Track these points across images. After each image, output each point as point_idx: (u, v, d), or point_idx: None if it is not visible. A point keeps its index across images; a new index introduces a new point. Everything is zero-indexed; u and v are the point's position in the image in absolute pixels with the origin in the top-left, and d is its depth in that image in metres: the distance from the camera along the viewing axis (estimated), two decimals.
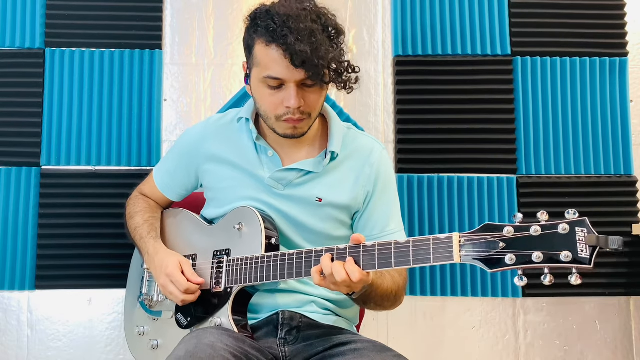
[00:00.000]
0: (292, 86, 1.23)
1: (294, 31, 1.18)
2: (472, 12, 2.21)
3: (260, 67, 1.25)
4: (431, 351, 2.13)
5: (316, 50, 1.18)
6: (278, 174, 1.37)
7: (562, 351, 2.14)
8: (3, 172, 2.10)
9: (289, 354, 1.28)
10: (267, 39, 1.21)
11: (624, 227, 2.15)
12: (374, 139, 1.46)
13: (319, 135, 1.42)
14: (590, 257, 0.95)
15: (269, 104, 1.28)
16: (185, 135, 1.51)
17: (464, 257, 1.03)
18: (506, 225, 1.00)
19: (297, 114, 1.26)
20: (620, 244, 0.92)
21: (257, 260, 1.27)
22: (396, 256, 1.09)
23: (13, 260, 2.07)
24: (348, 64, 1.28)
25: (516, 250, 0.99)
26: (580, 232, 0.96)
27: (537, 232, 0.98)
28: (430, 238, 1.07)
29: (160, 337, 1.41)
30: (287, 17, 1.19)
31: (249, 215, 1.33)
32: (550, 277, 0.97)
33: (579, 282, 0.96)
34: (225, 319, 1.28)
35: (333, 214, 1.37)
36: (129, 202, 1.57)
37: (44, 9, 2.16)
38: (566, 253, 0.95)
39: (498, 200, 2.15)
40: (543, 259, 0.96)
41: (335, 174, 1.38)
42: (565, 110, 2.19)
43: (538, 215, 0.99)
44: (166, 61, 2.19)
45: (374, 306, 1.30)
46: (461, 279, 2.14)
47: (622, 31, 2.22)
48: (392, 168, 1.46)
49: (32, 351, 2.08)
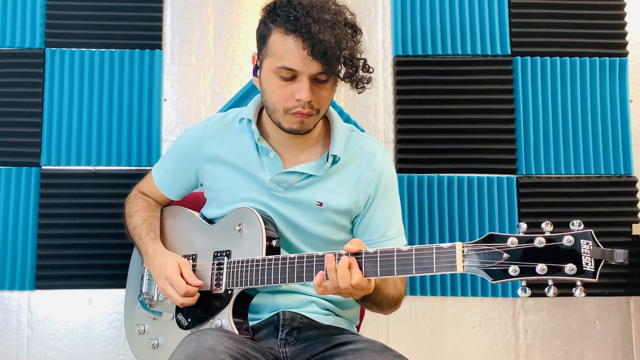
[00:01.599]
0: (305, 79, 1.22)
1: (317, 21, 1.17)
2: (472, 12, 2.21)
3: (275, 57, 1.24)
4: (431, 351, 2.14)
5: (339, 42, 1.17)
6: (279, 177, 1.35)
7: (562, 351, 2.14)
8: (3, 172, 2.10)
9: (289, 355, 1.28)
10: (288, 28, 1.20)
11: (624, 227, 2.15)
12: (376, 142, 1.45)
13: (322, 138, 1.41)
14: (595, 271, 0.94)
15: (279, 95, 1.26)
16: (185, 134, 1.50)
17: (467, 268, 1.02)
18: (510, 236, 0.99)
19: (307, 107, 1.25)
20: (626, 257, 0.91)
21: (257, 263, 1.26)
22: (398, 264, 1.09)
23: (13, 260, 2.07)
24: (364, 62, 1.28)
25: (520, 262, 0.98)
26: (585, 245, 0.95)
27: (542, 244, 0.96)
28: (433, 247, 1.06)
29: (161, 337, 1.41)
30: (310, 7, 1.19)
31: (250, 216, 1.32)
32: (554, 289, 0.97)
33: (583, 295, 0.95)
34: (226, 321, 1.27)
35: (333, 218, 1.36)
36: (128, 200, 1.56)
37: (44, 9, 2.16)
38: (571, 266, 0.94)
39: (498, 200, 2.15)
40: (547, 271, 0.96)
41: (337, 177, 1.37)
42: (565, 110, 2.19)
43: (542, 225, 0.98)
44: (166, 61, 2.19)
45: (371, 305, 1.30)
46: (461, 279, 2.14)
47: (622, 31, 2.22)
48: (394, 172, 1.44)
49: (32, 351, 2.08)
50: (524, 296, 1.00)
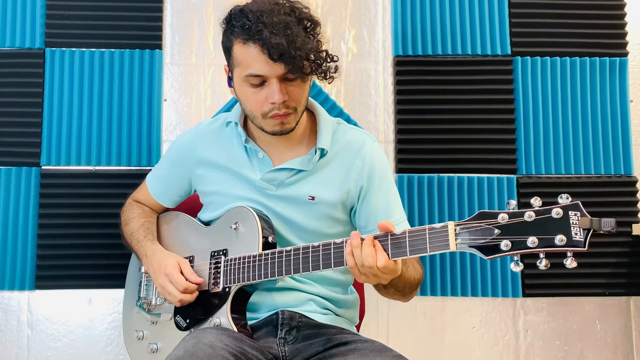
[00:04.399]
0: (274, 81, 1.24)
1: (268, 25, 1.19)
2: (472, 12, 2.21)
3: (241, 66, 1.26)
4: (431, 351, 2.13)
5: (292, 42, 1.19)
6: (269, 175, 1.37)
7: (562, 351, 2.14)
8: (3, 172, 2.10)
9: (288, 354, 1.28)
10: (244, 37, 1.23)
11: (624, 227, 2.15)
12: (364, 132, 1.45)
13: (308, 133, 1.42)
14: (585, 240, 0.96)
15: (253, 103, 1.28)
16: (176, 142, 1.52)
17: (459, 245, 1.03)
18: (500, 212, 1.01)
19: (283, 108, 1.27)
20: (613, 226, 0.93)
21: (254, 258, 1.27)
22: (392, 247, 1.10)
23: (13, 260, 2.07)
24: (326, 53, 1.29)
25: (511, 236, 1.00)
26: (574, 216, 0.97)
27: (531, 218, 0.99)
28: (426, 228, 1.08)
29: (160, 340, 1.41)
30: (260, 12, 1.21)
31: (245, 214, 1.33)
32: (546, 261, 0.99)
33: (574, 265, 0.97)
34: (224, 319, 1.28)
35: (327, 212, 1.37)
36: (124, 210, 1.58)
37: (44, 9, 2.16)
38: (560, 237, 0.96)
39: (498, 201, 2.15)
40: (538, 244, 0.97)
41: (327, 170, 1.38)
42: (565, 110, 2.19)
43: (532, 201, 1.00)
44: (166, 61, 2.19)
45: (393, 292, 1.29)
46: (461, 279, 2.14)
47: (622, 31, 2.22)
48: (385, 160, 1.44)
49: (32, 351, 2.08)
50: (516, 270, 1.01)
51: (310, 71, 1.26)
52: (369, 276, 1.13)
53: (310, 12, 1.29)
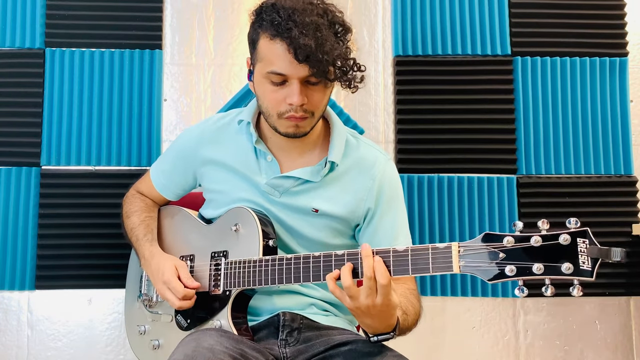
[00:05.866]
0: (295, 82, 1.20)
1: (298, 24, 1.15)
2: (472, 12, 2.21)
3: (264, 62, 1.22)
4: (431, 351, 2.13)
5: (321, 45, 1.15)
6: (275, 181, 1.34)
7: (562, 351, 2.14)
8: (3, 172, 2.10)
9: (289, 355, 1.28)
10: (272, 33, 1.19)
11: (624, 227, 2.15)
12: (378, 149, 1.41)
13: (321, 142, 1.38)
14: (592, 270, 0.93)
15: (271, 101, 1.25)
16: (182, 136, 1.49)
17: (463, 268, 1.01)
18: (506, 235, 0.98)
19: (300, 111, 1.23)
20: (623, 256, 0.90)
21: (255, 263, 1.25)
22: (395, 264, 1.07)
23: (13, 260, 2.07)
24: (354, 62, 1.24)
25: (516, 262, 0.97)
26: (582, 243, 0.94)
27: (538, 243, 0.95)
28: (429, 247, 1.05)
29: (161, 338, 1.41)
30: (292, 10, 1.17)
31: (246, 216, 1.31)
32: (552, 288, 0.96)
33: (581, 294, 0.94)
34: (225, 322, 1.27)
35: (330, 224, 1.35)
36: (126, 200, 1.55)
37: (44, 9, 2.16)
38: (567, 265, 0.93)
39: (498, 200, 2.15)
40: (544, 271, 0.95)
41: (335, 186, 1.34)
42: (565, 110, 2.19)
43: (539, 224, 0.97)
44: (166, 61, 2.19)
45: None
46: (461, 279, 2.14)
47: (622, 31, 2.22)
48: (398, 180, 1.39)
49: (32, 351, 2.08)
50: (521, 296, 0.99)
51: (334, 78, 1.21)
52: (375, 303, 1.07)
53: (343, 17, 1.25)
